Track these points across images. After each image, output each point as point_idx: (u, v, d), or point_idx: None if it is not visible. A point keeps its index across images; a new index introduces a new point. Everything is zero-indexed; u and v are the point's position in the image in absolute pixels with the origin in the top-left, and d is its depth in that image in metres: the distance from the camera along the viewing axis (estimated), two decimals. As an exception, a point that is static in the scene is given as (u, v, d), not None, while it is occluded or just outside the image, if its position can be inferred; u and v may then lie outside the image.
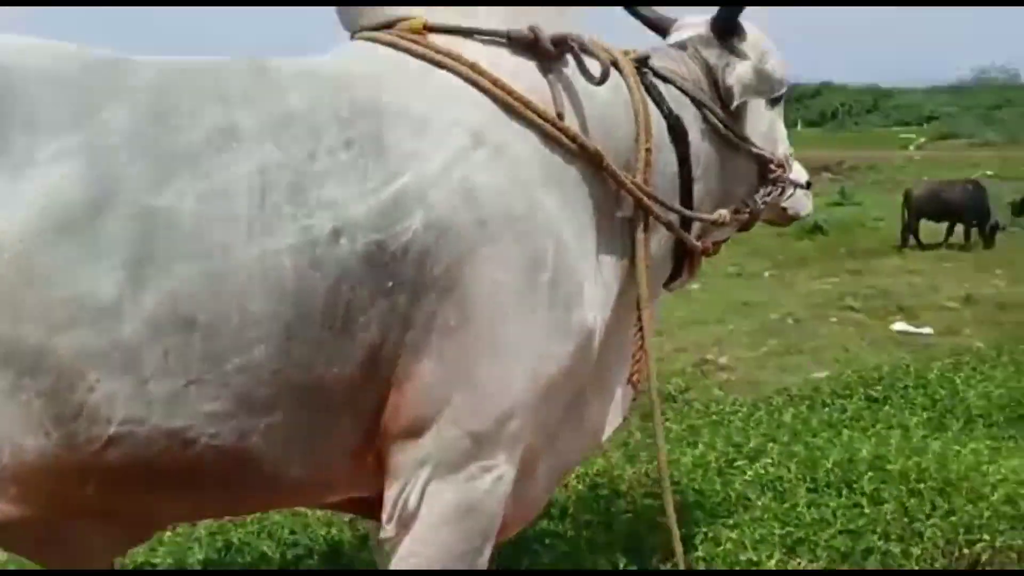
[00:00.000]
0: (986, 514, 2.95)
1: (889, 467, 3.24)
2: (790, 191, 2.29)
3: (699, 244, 2.06)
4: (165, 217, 1.38)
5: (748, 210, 2.15)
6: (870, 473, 3.20)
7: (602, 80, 1.72)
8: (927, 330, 6.76)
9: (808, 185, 2.46)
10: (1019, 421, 3.91)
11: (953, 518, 2.96)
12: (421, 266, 1.52)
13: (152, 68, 1.51)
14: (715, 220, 2.04)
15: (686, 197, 1.99)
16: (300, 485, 1.62)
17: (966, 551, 2.85)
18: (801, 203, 2.42)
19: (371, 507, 1.76)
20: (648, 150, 1.84)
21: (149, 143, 1.41)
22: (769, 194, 2.19)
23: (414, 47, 1.68)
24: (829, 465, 3.31)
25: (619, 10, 2.26)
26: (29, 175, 1.34)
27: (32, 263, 1.32)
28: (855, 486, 3.18)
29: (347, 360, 1.50)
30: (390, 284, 1.50)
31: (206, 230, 1.40)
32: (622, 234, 1.86)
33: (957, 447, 3.43)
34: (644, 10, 2.30)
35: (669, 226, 1.92)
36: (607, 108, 1.81)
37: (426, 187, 1.53)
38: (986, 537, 2.85)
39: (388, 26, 1.74)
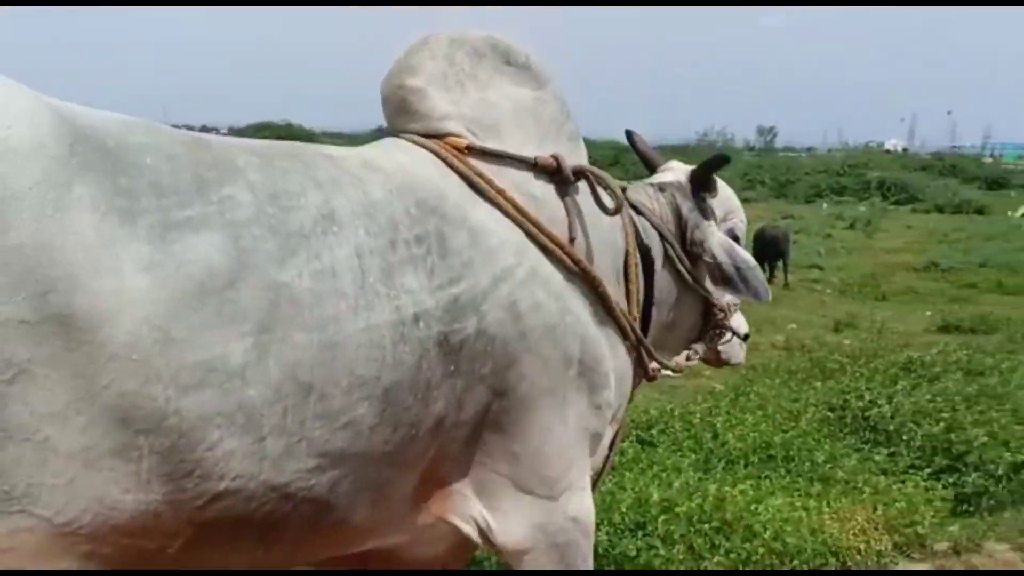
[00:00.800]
0: (760, 551, 3.36)
1: (676, 509, 3.55)
2: (727, 336, 2.58)
3: (651, 369, 2.31)
4: (287, 291, 1.50)
5: (698, 357, 2.49)
6: (662, 516, 3.49)
7: (615, 212, 2.05)
8: (669, 372, 7.31)
9: (746, 337, 2.71)
10: (770, 461, 4.34)
11: (732, 555, 3.35)
12: (472, 362, 1.76)
13: (242, 149, 1.62)
14: (671, 368, 2.41)
15: (644, 320, 2.27)
16: (354, 532, 1.77)
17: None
18: (736, 352, 2.69)
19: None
20: (637, 274, 2.20)
21: (271, 221, 1.52)
22: (712, 339, 2.52)
23: (458, 165, 1.89)
24: (624, 509, 3.57)
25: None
26: (169, 240, 1.38)
27: (170, 325, 1.37)
28: (648, 527, 3.47)
29: (422, 425, 1.71)
30: (452, 368, 1.72)
31: (321, 305, 1.53)
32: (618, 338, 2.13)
33: (728, 488, 3.82)
34: (642, 145, 2.66)
35: (644, 347, 2.21)
36: (611, 234, 2.13)
37: (479, 298, 1.75)
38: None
39: (436, 136, 1.95)
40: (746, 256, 2.40)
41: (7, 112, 1.32)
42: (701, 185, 2.44)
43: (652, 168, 2.60)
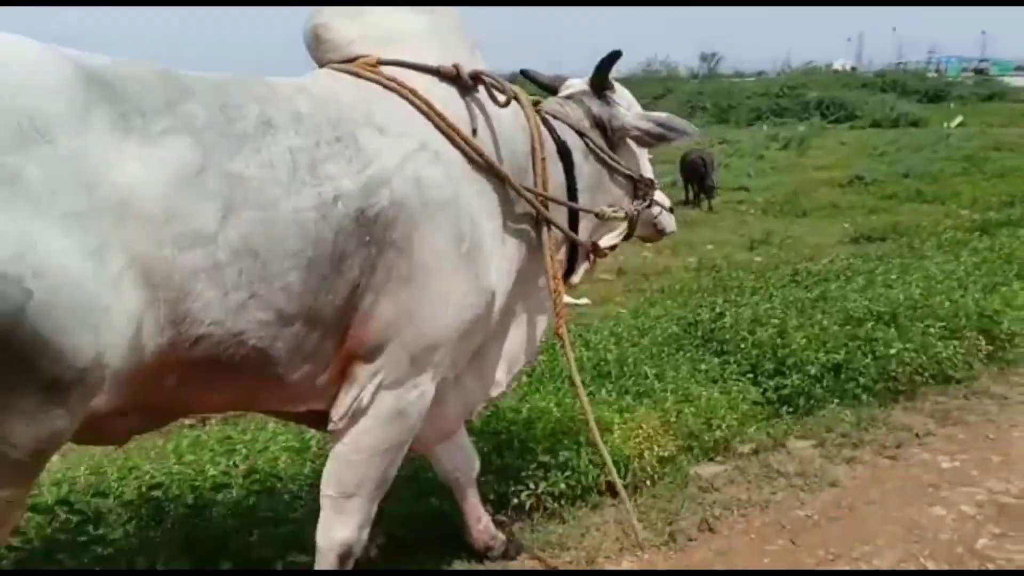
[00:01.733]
0: (532, 464, 3.32)
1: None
2: (657, 210, 2.97)
3: (585, 242, 2.72)
4: (239, 178, 1.87)
5: (624, 212, 2.78)
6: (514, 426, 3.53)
7: (506, 104, 2.40)
8: (584, 300, 7.31)
9: (671, 209, 3.10)
10: (601, 378, 4.21)
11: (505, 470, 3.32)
12: (385, 229, 2.09)
13: (196, 78, 1.99)
14: (596, 213, 2.69)
15: (572, 202, 2.66)
16: (296, 387, 2.13)
17: (514, 500, 3.22)
18: (668, 221, 3.08)
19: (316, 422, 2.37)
20: (543, 159, 2.52)
21: (221, 127, 1.89)
22: (641, 205, 2.85)
23: (372, 75, 2.28)
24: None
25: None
26: (155, 145, 1.77)
27: (170, 203, 1.75)
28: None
29: (339, 292, 2.05)
30: (367, 239, 2.06)
31: (263, 189, 1.90)
32: (525, 224, 2.51)
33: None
34: (535, 74, 3.07)
35: (554, 223, 2.54)
36: (510, 128, 2.46)
37: (389, 175, 2.11)
38: (530, 486, 3.23)
39: (350, 61, 2.35)
40: (659, 114, 2.83)
41: (27, 59, 1.71)
42: (601, 85, 2.80)
43: (555, 91, 2.93)
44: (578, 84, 2.89)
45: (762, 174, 15.27)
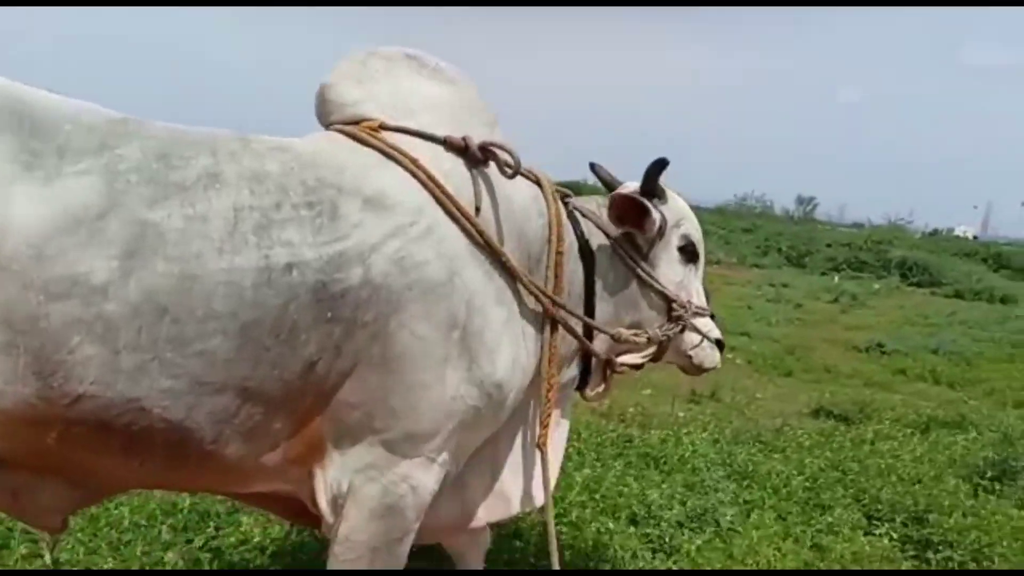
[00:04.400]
0: None
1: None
2: (696, 339, 2.65)
3: (600, 354, 2.49)
4: (155, 228, 1.75)
5: (647, 335, 2.51)
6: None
7: (512, 175, 2.20)
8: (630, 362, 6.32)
9: (720, 344, 2.76)
10: None
11: None
12: (355, 310, 1.93)
13: (162, 127, 1.91)
14: (611, 334, 2.45)
15: (588, 311, 2.43)
16: (232, 467, 1.94)
17: None
18: (708, 355, 2.72)
19: (294, 512, 2.25)
20: (560, 252, 2.29)
21: (152, 173, 1.79)
22: (671, 329, 2.56)
23: (371, 140, 2.12)
24: None
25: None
26: (56, 183, 1.70)
27: (44, 245, 1.66)
28: None
29: (287, 367, 1.88)
30: (329, 315, 1.90)
31: (186, 242, 1.77)
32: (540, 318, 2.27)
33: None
34: (603, 173, 2.82)
35: (564, 326, 2.32)
36: (522, 211, 2.26)
37: (367, 252, 1.94)
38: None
39: (354, 123, 2.18)
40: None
41: None
42: (648, 192, 2.52)
43: (612, 189, 2.70)
44: (631, 187, 2.62)
45: (782, 324, 13.89)
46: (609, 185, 2.77)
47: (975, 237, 56.00)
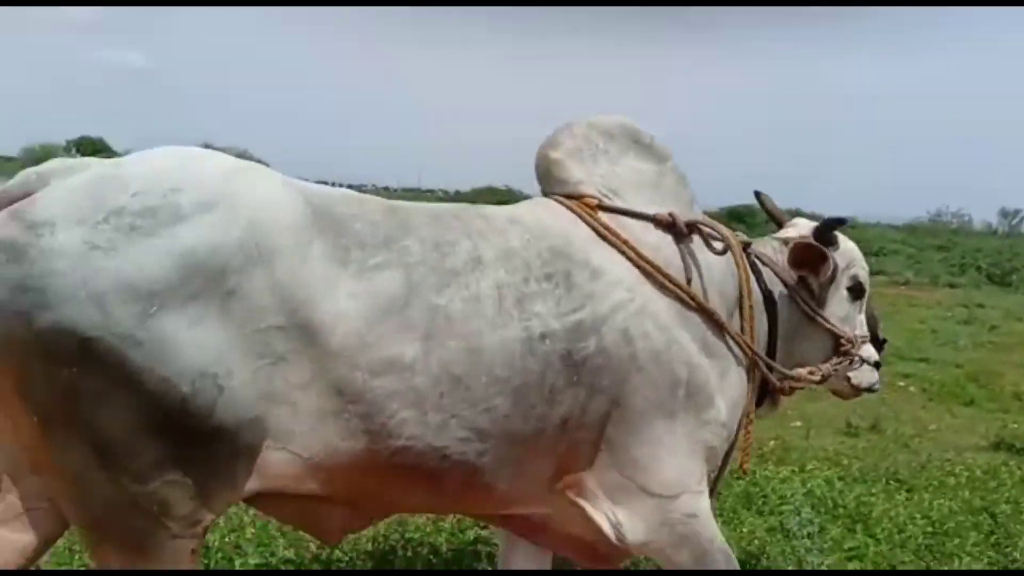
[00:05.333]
0: None
1: None
2: (857, 365, 2.92)
3: (779, 383, 2.70)
4: (443, 311, 2.06)
5: (821, 374, 2.79)
6: None
7: (722, 252, 2.50)
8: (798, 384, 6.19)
9: (878, 365, 3.01)
10: None
11: None
12: (593, 376, 2.21)
13: (421, 213, 2.21)
14: (793, 377, 2.71)
15: (771, 352, 2.70)
16: (501, 495, 2.27)
17: None
18: (867, 376, 3.00)
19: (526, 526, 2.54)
20: (751, 307, 2.57)
21: (433, 263, 2.10)
22: (839, 364, 2.83)
23: (587, 218, 2.40)
24: None
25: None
26: (365, 278, 2.00)
27: (367, 333, 1.98)
28: None
29: (548, 421, 2.19)
30: (575, 379, 2.18)
31: (466, 321, 2.08)
32: (735, 362, 2.52)
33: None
34: (769, 204, 3.16)
35: (759, 368, 2.59)
36: (721, 274, 2.53)
37: (599, 322, 2.21)
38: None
39: (574, 197, 2.47)
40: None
41: (266, 196, 1.98)
42: (823, 240, 2.79)
43: (779, 224, 3.03)
44: (803, 227, 2.93)
45: (969, 348, 12.68)
46: (775, 217, 3.12)
47: None
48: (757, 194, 3.20)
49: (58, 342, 1.73)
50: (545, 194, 2.57)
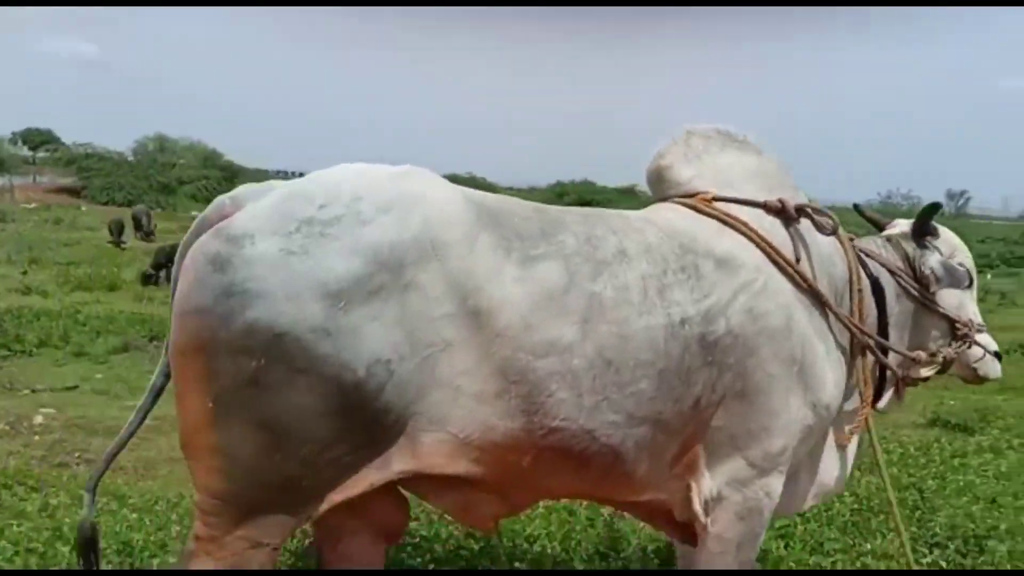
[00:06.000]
0: None
1: None
2: (979, 353, 2.94)
3: (898, 370, 2.79)
4: (597, 298, 2.18)
5: (942, 356, 2.86)
6: None
7: (833, 231, 2.59)
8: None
9: (998, 355, 3.02)
10: None
11: None
12: (724, 354, 2.32)
13: (567, 212, 2.40)
14: (910, 356, 2.80)
15: (882, 336, 2.76)
16: (637, 481, 2.37)
17: None
18: (992, 367, 3.02)
19: (665, 521, 2.64)
20: (860, 290, 2.65)
21: (587, 254, 2.23)
22: (959, 347, 2.89)
23: (709, 211, 2.53)
24: None
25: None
26: (528, 267, 2.14)
27: (530, 316, 2.10)
28: None
29: (685, 402, 2.30)
30: (709, 359, 2.31)
31: (617, 308, 2.20)
32: (846, 346, 2.62)
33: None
34: (865, 209, 3.29)
35: (871, 350, 2.67)
36: (828, 256, 2.62)
37: (725, 306, 2.34)
38: None
39: (689, 196, 2.63)
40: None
41: (434, 196, 2.13)
42: (921, 230, 2.93)
43: (880, 227, 3.12)
44: (903, 225, 3.04)
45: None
46: (875, 223, 3.20)
47: None
48: (856, 207, 3.32)
49: (252, 337, 1.91)
50: (661, 199, 2.73)
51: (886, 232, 3.03)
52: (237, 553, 2.06)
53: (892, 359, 2.76)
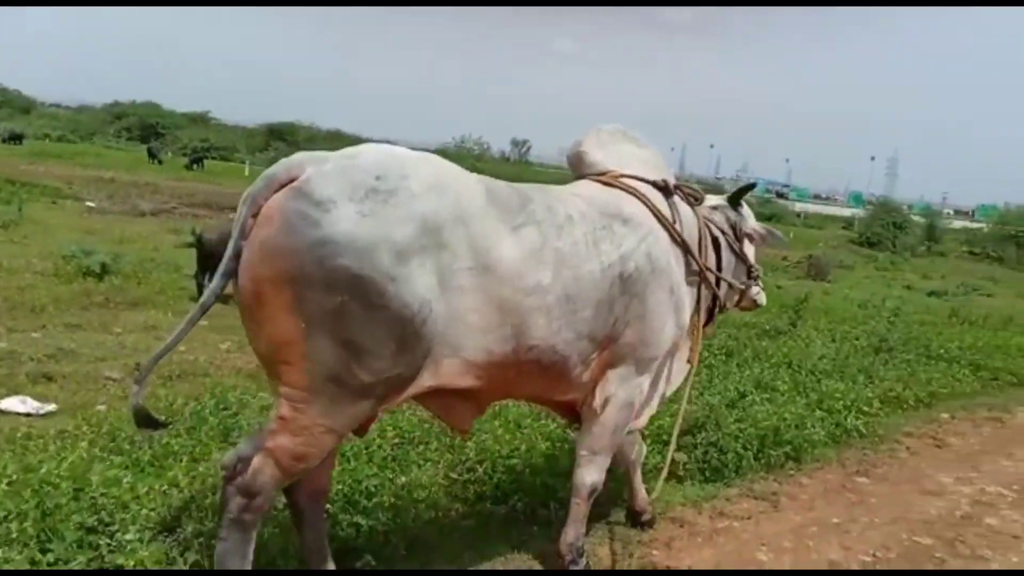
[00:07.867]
0: None
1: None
2: (756, 289, 4.35)
3: (725, 301, 4.15)
4: (560, 251, 3.04)
5: (745, 286, 4.24)
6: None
7: (700, 203, 3.86)
8: (51, 407, 5.34)
9: (762, 289, 4.51)
10: None
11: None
12: (632, 285, 3.29)
13: (529, 188, 3.20)
14: (734, 285, 4.13)
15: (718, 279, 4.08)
16: (572, 382, 3.29)
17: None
18: (761, 296, 4.43)
19: (566, 413, 3.67)
20: (706, 247, 3.83)
21: (550, 220, 3.07)
22: (754, 284, 4.29)
23: (617, 184, 3.56)
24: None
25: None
26: (517, 232, 2.93)
27: (521, 268, 2.89)
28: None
29: (608, 323, 3.23)
30: (624, 291, 3.26)
31: (573, 257, 3.08)
32: (694, 286, 3.76)
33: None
34: (684, 185, 4.09)
35: (710, 285, 3.86)
36: (689, 220, 3.75)
37: (632, 251, 3.30)
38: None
39: (602, 175, 3.64)
40: (766, 225, 4.46)
41: (460, 178, 2.89)
42: (736, 203, 4.29)
43: (700, 201, 3.96)
44: (717, 200, 4.26)
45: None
46: (694, 196, 3.95)
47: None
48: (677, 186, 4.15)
49: (339, 277, 2.51)
50: (579, 177, 3.69)
51: (712, 202, 4.14)
52: (314, 435, 2.65)
53: (723, 291, 4.01)
